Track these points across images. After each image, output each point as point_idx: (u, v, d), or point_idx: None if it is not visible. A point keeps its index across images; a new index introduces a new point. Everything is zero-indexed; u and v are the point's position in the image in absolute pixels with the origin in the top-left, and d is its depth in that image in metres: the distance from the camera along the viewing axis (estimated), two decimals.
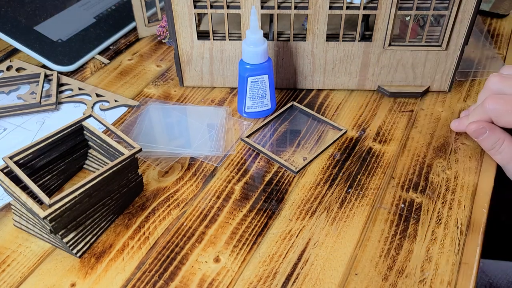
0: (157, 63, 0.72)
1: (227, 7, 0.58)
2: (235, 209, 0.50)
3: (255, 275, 0.44)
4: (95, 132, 0.50)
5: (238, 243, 0.46)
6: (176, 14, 0.59)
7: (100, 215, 0.47)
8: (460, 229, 0.47)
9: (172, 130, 0.59)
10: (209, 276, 0.44)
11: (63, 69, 0.70)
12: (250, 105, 0.59)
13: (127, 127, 0.60)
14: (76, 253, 0.45)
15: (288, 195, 0.51)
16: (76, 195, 0.43)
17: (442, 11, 0.58)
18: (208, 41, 0.62)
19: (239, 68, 0.57)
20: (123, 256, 0.46)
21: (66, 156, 0.51)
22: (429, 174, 0.53)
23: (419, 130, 0.59)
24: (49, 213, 0.41)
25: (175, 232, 0.48)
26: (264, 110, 0.60)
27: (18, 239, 0.47)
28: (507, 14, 0.81)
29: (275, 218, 0.49)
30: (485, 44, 0.74)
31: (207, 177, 0.53)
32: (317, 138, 0.58)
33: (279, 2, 0.58)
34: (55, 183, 0.52)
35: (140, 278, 0.44)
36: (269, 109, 0.60)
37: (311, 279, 0.43)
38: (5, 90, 0.67)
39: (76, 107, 0.64)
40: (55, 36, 0.73)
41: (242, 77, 0.57)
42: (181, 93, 0.66)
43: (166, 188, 0.52)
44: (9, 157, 0.45)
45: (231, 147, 0.57)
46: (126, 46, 0.76)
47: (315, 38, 0.60)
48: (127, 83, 0.68)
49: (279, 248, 0.46)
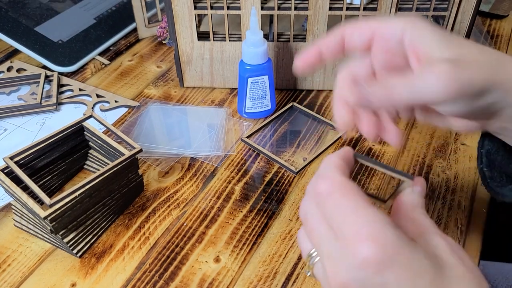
0: (158, 63, 0.72)
1: (227, 8, 0.58)
2: (235, 209, 0.50)
3: (255, 275, 0.44)
4: (96, 132, 0.50)
5: (238, 243, 0.47)
6: (176, 15, 0.59)
7: (101, 215, 0.47)
8: (460, 229, 0.47)
9: (172, 130, 0.59)
10: (209, 276, 0.44)
11: (63, 70, 0.70)
12: (250, 106, 0.59)
13: (128, 128, 0.60)
14: (77, 253, 0.45)
15: (288, 195, 0.51)
16: (76, 195, 0.43)
17: (442, 11, 0.58)
18: (208, 42, 0.62)
19: (239, 68, 0.57)
20: (123, 256, 0.46)
21: (66, 157, 0.52)
22: (429, 175, 0.53)
23: (419, 130, 0.59)
24: (49, 213, 0.41)
25: (176, 232, 0.48)
26: (264, 111, 0.60)
27: (19, 239, 0.48)
28: (507, 15, 0.82)
29: (275, 218, 0.49)
30: (484, 45, 0.75)
31: (207, 177, 0.53)
32: (317, 138, 0.58)
33: (279, 3, 0.58)
34: (56, 184, 0.52)
35: (140, 278, 0.44)
36: (269, 110, 0.60)
37: (311, 279, 0.43)
38: (5, 91, 0.67)
39: (76, 108, 0.64)
40: (55, 37, 0.73)
41: (242, 78, 0.57)
42: (181, 93, 0.66)
43: (167, 188, 0.52)
44: (10, 157, 0.45)
45: (231, 148, 0.57)
46: (127, 47, 0.76)
47: (315, 38, 0.60)
48: (127, 84, 0.68)
49: (279, 248, 0.46)
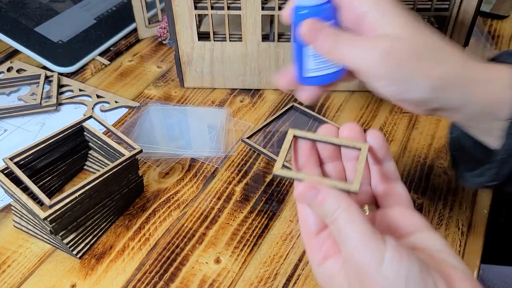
0: (158, 64, 0.72)
1: (228, 8, 0.58)
2: (236, 210, 0.50)
3: (255, 276, 0.44)
4: (96, 133, 0.50)
5: (238, 244, 0.46)
6: (176, 15, 0.59)
7: (101, 216, 0.47)
8: (461, 230, 0.47)
9: (172, 131, 0.59)
10: (209, 277, 0.44)
11: (63, 70, 0.70)
12: (314, 67, 0.40)
13: (128, 128, 0.60)
14: (77, 254, 0.45)
15: (288, 196, 0.51)
16: (76, 196, 0.43)
17: (443, 12, 0.58)
18: (208, 42, 0.62)
19: (294, 16, 0.39)
20: (123, 257, 0.45)
21: (66, 157, 0.51)
22: (430, 175, 0.53)
23: (419, 131, 0.59)
24: (49, 214, 0.41)
25: (176, 233, 0.47)
26: (333, 73, 0.40)
27: (19, 240, 0.47)
28: (508, 15, 0.81)
29: (275, 219, 0.49)
30: (485, 45, 0.74)
31: (208, 178, 0.53)
32: None
33: (279, 3, 0.58)
34: (56, 184, 0.51)
35: (140, 279, 0.44)
36: (339, 71, 0.40)
37: (312, 280, 0.43)
38: (5, 91, 0.67)
39: (76, 108, 0.64)
40: (55, 37, 0.73)
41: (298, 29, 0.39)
42: (182, 94, 0.66)
43: (167, 189, 0.52)
44: (10, 158, 0.45)
45: (232, 148, 0.57)
46: (127, 47, 0.76)
47: None
48: (127, 84, 0.68)
49: (280, 249, 0.46)
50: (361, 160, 0.33)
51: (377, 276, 0.27)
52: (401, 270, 0.27)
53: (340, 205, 0.29)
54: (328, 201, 0.30)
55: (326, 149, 0.36)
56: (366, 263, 0.27)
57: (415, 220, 0.33)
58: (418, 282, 0.27)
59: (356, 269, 0.28)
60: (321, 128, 0.35)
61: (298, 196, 0.31)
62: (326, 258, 0.32)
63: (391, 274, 0.27)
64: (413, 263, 0.27)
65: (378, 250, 0.27)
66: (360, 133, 0.35)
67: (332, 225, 0.30)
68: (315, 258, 0.33)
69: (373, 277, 0.27)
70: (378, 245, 0.27)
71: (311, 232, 0.33)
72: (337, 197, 0.30)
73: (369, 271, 0.27)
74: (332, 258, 0.32)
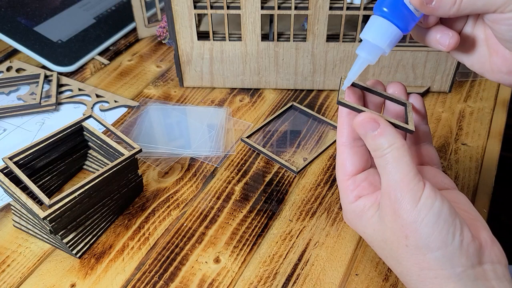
0: (157, 63, 0.72)
1: (227, 8, 0.58)
2: (235, 210, 0.50)
3: (255, 276, 0.44)
4: (95, 132, 0.50)
5: (238, 243, 0.46)
6: (176, 15, 0.59)
7: (100, 216, 0.47)
8: None
9: (172, 130, 0.59)
10: (209, 276, 0.44)
11: (63, 69, 0.70)
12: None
13: (127, 128, 0.60)
14: (76, 253, 0.45)
15: (288, 195, 0.51)
16: (76, 196, 0.43)
17: None
18: (208, 42, 0.62)
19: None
20: (123, 257, 0.45)
21: (66, 157, 0.51)
22: None
23: None
24: (49, 213, 0.41)
25: (175, 233, 0.47)
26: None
27: (18, 240, 0.47)
28: None
29: (275, 218, 0.49)
30: None
31: (207, 177, 0.53)
32: (318, 138, 0.58)
33: (279, 3, 0.58)
34: (55, 184, 0.51)
35: (140, 279, 0.44)
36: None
37: (311, 280, 0.43)
38: (5, 91, 0.67)
39: (76, 108, 0.64)
40: (55, 37, 0.73)
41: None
42: (181, 93, 0.66)
43: (166, 188, 0.52)
44: (9, 157, 0.45)
45: (231, 148, 0.57)
46: (126, 46, 0.76)
47: (315, 38, 0.60)
48: (127, 84, 0.68)
49: (280, 248, 0.46)
50: (409, 110, 0.36)
51: (412, 209, 0.31)
52: (435, 207, 0.30)
53: (395, 142, 0.32)
54: (386, 136, 0.32)
55: (372, 102, 0.38)
56: (405, 197, 0.31)
57: (445, 179, 0.37)
58: (446, 219, 0.30)
59: (394, 201, 0.31)
60: (370, 81, 0.38)
61: (358, 124, 0.33)
62: (359, 197, 0.36)
63: (425, 209, 0.30)
64: (445, 204, 0.31)
65: (417, 187, 0.31)
66: (405, 93, 0.38)
67: (381, 158, 0.32)
68: (349, 196, 0.36)
69: (408, 210, 0.31)
70: (418, 184, 0.31)
71: (347, 174, 0.36)
72: (394, 134, 0.32)
73: (406, 205, 0.31)
74: (364, 197, 0.35)
